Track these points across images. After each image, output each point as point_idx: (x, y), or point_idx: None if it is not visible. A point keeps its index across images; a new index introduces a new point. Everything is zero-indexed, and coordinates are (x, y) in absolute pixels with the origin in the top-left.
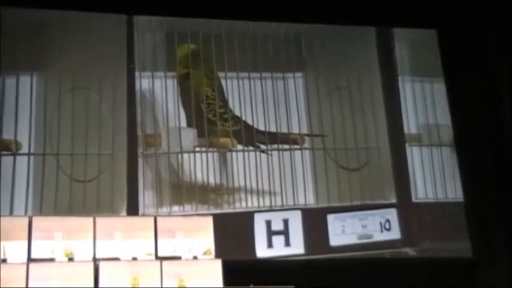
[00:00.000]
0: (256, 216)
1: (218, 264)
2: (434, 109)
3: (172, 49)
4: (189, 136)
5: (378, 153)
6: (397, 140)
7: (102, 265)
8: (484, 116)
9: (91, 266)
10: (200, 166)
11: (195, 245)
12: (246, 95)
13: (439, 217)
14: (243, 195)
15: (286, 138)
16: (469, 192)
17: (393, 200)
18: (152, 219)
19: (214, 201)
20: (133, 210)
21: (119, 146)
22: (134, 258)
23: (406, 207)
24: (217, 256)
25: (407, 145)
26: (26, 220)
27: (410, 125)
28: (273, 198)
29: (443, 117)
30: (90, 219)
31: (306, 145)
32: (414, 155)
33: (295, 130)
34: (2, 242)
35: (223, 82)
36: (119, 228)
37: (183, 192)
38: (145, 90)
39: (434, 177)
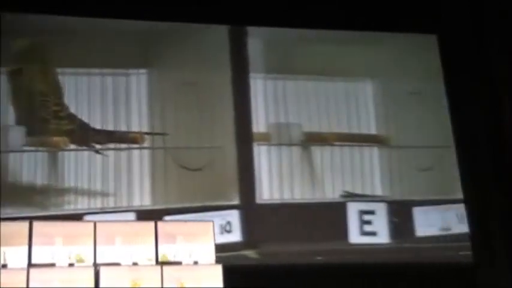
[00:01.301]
0: None
1: (219, 269)
2: (286, 107)
3: (6, 44)
4: (18, 135)
5: (223, 152)
6: (244, 139)
7: (103, 270)
8: (484, 116)
9: (91, 271)
10: (27, 166)
11: (196, 250)
12: (84, 92)
13: (284, 219)
14: (73, 197)
15: (125, 137)
16: (469, 192)
17: (236, 201)
18: (153, 224)
19: (40, 203)
20: None
21: None
22: (135, 263)
23: (249, 208)
24: None
25: (255, 144)
26: (26, 225)
27: (260, 123)
28: (105, 199)
29: (294, 115)
30: (90, 224)
31: (146, 144)
32: (262, 155)
33: (135, 128)
34: (2, 248)
35: (64, 78)
36: (120, 233)
37: (6, 193)
38: None
39: (282, 177)
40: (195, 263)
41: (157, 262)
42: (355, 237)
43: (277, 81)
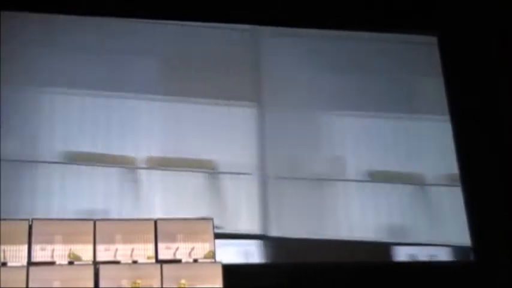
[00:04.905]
0: None
1: (218, 268)
2: None
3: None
4: None
5: None
6: None
7: (103, 268)
8: (484, 117)
9: (91, 269)
10: None
11: (196, 248)
12: None
13: None
14: None
15: None
16: (469, 193)
17: None
18: (152, 222)
19: None
20: None
21: None
22: (134, 262)
23: None
24: None
25: None
26: (26, 224)
27: None
28: None
29: None
30: (90, 223)
31: None
32: None
33: None
34: (2, 246)
35: None
36: (119, 231)
37: None
38: None
39: None
40: (195, 261)
41: (157, 260)
42: None
43: None
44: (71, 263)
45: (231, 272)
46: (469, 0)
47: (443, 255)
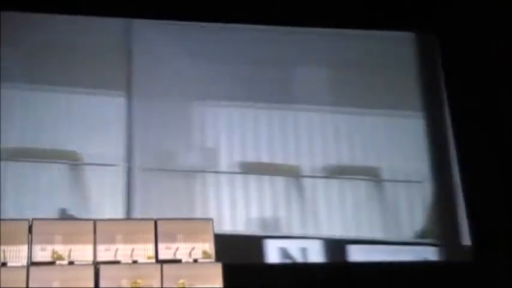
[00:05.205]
0: None
1: (218, 268)
2: None
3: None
4: None
5: None
6: None
7: (103, 268)
8: (484, 117)
9: (91, 269)
10: None
11: (196, 248)
12: None
13: None
14: None
15: None
16: (469, 193)
17: None
18: (152, 222)
19: None
20: None
21: None
22: (135, 262)
23: None
24: None
25: None
26: (26, 224)
27: None
28: None
29: None
30: (90, 223)
31: None
32: None
33: None
34: (2, 246)
35: None
36: (120, 231)
37: None
38: None
39: None
40: (195, 261)
41: (157, 260)
42: None
43: None
44: (71, 263)
45: (231, 272)
46: (469, 0)
47: (315, 248)
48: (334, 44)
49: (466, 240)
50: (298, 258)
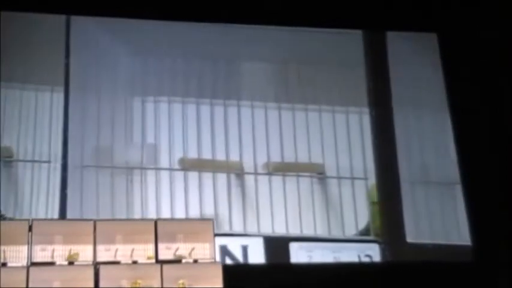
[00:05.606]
0: None
1: (218, 268)
2: None
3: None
4: None
5: None
6: None
7: (103, 269)
8: (484, 117)
9: (91, 269)
10: None
11: (196, 248)
12: None
13: None
14: None
15: None
16: (469, 193)
17: None
18: (152, 223)
19: None
20: None
21: None
22: (135, 262)
23: None
24: None
25: None
26: (26, 224)
27: None
28: None
29: None
30: (90, 223)
31: None
32: None
33: None
34: (2, 246)
35: None
36: (120, 232)
37: None
38: None
39: None
40: (195, 261)
41: (157, 261)
42: None
43: None
44: (71, 263)
45: (231, 272)
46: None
47: (256, 245)
48: (278, 40)
49: (425, 238)
50: (239, 256)
